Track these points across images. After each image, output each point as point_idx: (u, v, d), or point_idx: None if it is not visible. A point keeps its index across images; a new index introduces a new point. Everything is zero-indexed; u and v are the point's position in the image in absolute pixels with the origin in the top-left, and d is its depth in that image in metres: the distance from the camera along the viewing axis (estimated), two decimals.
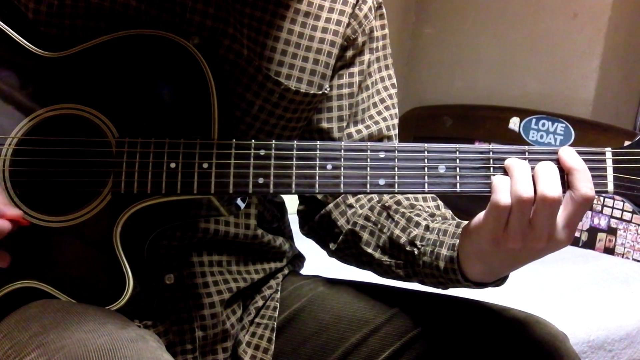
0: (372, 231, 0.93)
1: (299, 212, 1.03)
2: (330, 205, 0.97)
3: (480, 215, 0.75)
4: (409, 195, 0.94)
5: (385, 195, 0.94)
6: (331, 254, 1.00)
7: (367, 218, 0.94)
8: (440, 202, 0.96)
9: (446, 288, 0.87)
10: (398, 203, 0.93)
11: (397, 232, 0.89)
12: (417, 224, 0.88)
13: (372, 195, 0.95)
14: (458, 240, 0.81)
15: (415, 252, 0.86)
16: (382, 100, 0.99)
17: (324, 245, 1.01)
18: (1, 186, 0.77)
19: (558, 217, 0.72)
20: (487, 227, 0.73)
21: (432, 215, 0.90)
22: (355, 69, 0.95)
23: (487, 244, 0.74)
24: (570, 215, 0.72)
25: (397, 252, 0.90)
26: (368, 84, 0.98)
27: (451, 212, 0.94)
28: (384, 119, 0.98)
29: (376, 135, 0.97)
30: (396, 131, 1.00)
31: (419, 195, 0.95)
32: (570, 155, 0.73)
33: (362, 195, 0.96)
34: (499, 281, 0.83)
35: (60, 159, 0.78)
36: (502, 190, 0.72)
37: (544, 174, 0.71)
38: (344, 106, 0.95)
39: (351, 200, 0.96)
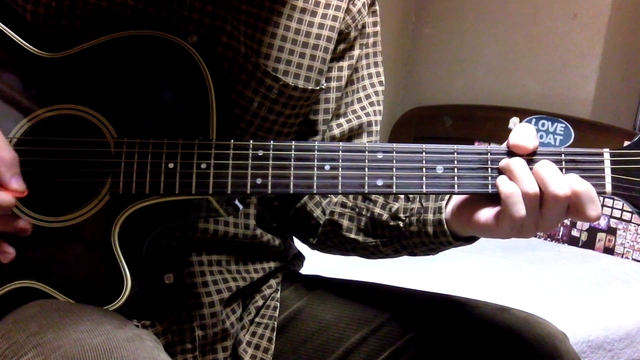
0: (351, 216, 0.93)
1: (273, 209, 1.02)
2: (305, 198, 0.97)
3: (487, 220, 0.75)
4: None
5: None
6: (313, 247, 1.00)
7: (343, 205, 0.94)
8: None
9: (436, 253, 0.87)
10: None
11: (377, 210, 0.90)
12: (396, 198, 0.89)
13: None
14: (443, 202, 0.82)
15: (401, 225, 0.87)
16: (368, 96, 0.99)
17: (303, 239, 1.01)
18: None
19: None
20: (503, 228, 0.74)
21: None
22: (344, 63, 0.96)
23: (495, 236, 0.76)
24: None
25: (380, 231, 0.90)
26: (353, 79, 0.98)
27: None
28: (367, 114, 0.98)
29: (356, 129, 0.97)
30: (378, 128, 0.99)
31: None
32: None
33: None
34: None
35: (59, 159, 0.78)
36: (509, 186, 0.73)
37: (549, 174, 0.72)
38: (331, 99, 0.95)
39: None
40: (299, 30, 0.89)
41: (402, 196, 0.88)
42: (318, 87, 0.92)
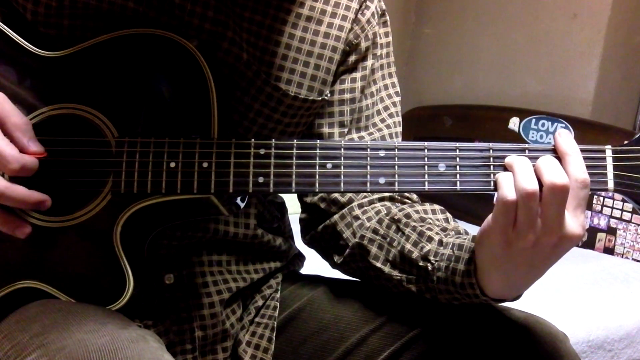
0: (380, 245, 0.90)
1: (301, 221, 1.02)
2: (336, 217, 0.95)
3: (489, 218, 0.74)
4: (418, 208, 0.92)
5: (393, 208, 0.93)
6: (335, 266, 0.98)
7: (375, 231, 0.91)
8: (449, 215, 0.93)
9: (460, 303, 0.84)
10: (407, 216, 0.90)
11: (408, 246, 0.86)
12: (430, 239, 0.85)
13: (380, 207, 0.93)
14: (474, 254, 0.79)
15: (429, 268, 0.83)
16: (386, 108, 0.98)
17: (326, 256, 0.99)
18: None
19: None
20: (497, 226, 0.72)
21: (444, 229, 0.87)
22: (357, 74, 0.95)
23: (499, 247, 0.73)
24: (573, 204, 0.71)
25: (408, 267, 0.87)
26: (373, 91, 0.97)
27: (464, 228, 0.90)
28: (387, 126, 0.97)
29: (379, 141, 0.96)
30: (399, 139, 0.98)
31: (428, 208, 0.92)
32: (565, 140, 0.73)
33: (369, 208, 0.94)
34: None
35: (60, 158, 0.78)
36: (507, 186, 0.71)
37: (547, 165, 0.71)
38: (345, 111, 0.95)
39: (357, 212, 0.93)
40: (303, 39, 0.89)
41: (436, 239, 0.85)
42: (320, 98, 0.91)
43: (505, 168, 0.74)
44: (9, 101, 0.74)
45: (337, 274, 1.00)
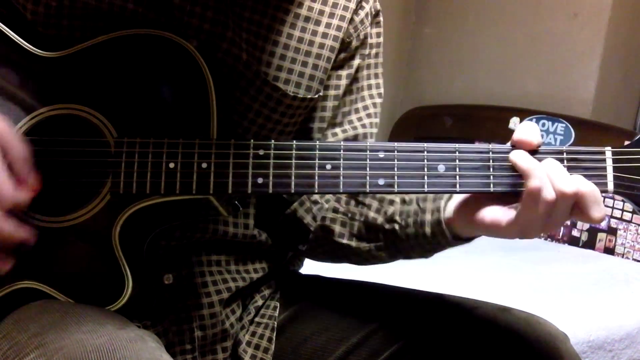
0: (343, 222, 0.91)
1: (260, 214, 1.01)
2: (295, 204, 0.95)
3: (493, 215, 0.75)
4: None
5: None
6: (302, 254, 0.99)
7: (335, 210, 0.92)
8: None
9: (432, 254, 0.86)
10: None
11: (371, 214, 0.88)
12: (392, 202, 0.87)
13: None
14: (442, 202, 0.81)
15: (397, 227, 0.85)
16: (365, 107, 0.98)
17: (292, 246, 0.99)
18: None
19: None
20: (522, 219, 0.73)
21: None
22: (344, 72, 0.95)
23: (508, 235, 0.75)
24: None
25: (374, 235, 0.88)
26: (352, 89, 0.97)
27: None
28: (363, 126, 0.97)
29: (351, 139, 0.95)
30: (373, 140, 0.98)
31: None
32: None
33: None
34: None
35: (59, 159, 0.78)
36: (547, 187, 0.71)
37: (555, 171, 0.72)
38: (327, 107, 0.94)
39: (316, 196, 0.94)
40: (302, 39, 0.89)
41: (397, 200, 0.87)
42: (317, 96, 0.91)
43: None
44: (12, 128, 0.73)
45: (337, 274, 1.00)
